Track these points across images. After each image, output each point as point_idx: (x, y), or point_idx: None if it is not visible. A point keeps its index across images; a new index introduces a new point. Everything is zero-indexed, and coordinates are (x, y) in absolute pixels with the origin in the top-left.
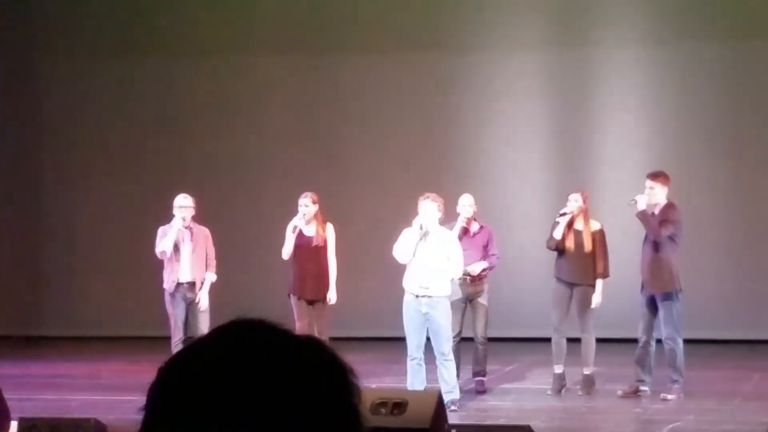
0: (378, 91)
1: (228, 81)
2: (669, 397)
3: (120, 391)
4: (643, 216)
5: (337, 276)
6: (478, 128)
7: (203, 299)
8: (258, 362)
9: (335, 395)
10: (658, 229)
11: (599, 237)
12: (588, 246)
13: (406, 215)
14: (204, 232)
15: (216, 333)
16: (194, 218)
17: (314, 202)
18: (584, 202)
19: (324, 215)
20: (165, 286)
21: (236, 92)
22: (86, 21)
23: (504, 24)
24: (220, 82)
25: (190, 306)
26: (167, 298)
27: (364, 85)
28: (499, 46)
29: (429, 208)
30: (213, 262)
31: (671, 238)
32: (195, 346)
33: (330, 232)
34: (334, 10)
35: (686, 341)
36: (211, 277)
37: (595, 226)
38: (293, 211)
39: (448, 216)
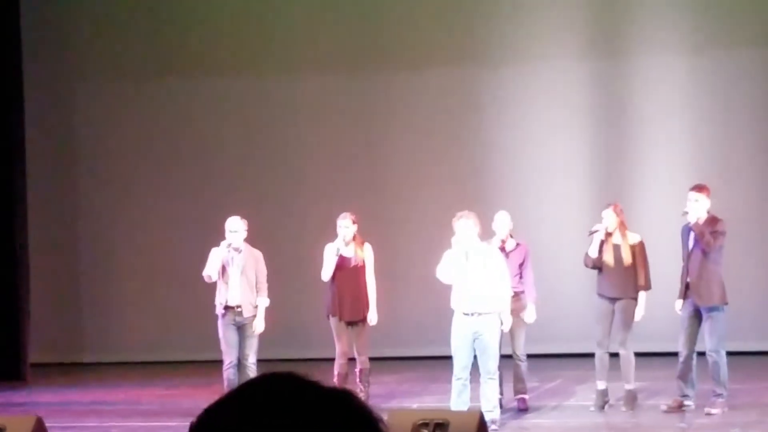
0: (412, 107)
1: (266, 99)
2: (713, 411)
3: (160, 417)
4: (698, 228)
5: (377, 296)
6: (513, 142)
7: (259, 325)
8: (289, 418)
9: None
10: (713, 242)
11: (639, 249)
12: (627, 259)
13: (444, 232)
14: (255, 255)
15: (246, 388)
16: (247, 240)
17: (353, 222)
18: (618, 215)
19: (362, 235)
20: (216, 310)
21: (273, 110)
22: (122, 43)
23: (537, 36)
24: (257, 101)
25: (240, 330)
26: (219, 322)
27: (398, 102)
28: (532, 58)
29: (466, 226)
30: (264, 286)
31: (719, 250)
32: (225, 402)
33: (368, 252)
34: (366, 27)
35: (729, 353)
36: (264, 301)
37: (634, 238)
38: (331, 231)
39: (485, 233)
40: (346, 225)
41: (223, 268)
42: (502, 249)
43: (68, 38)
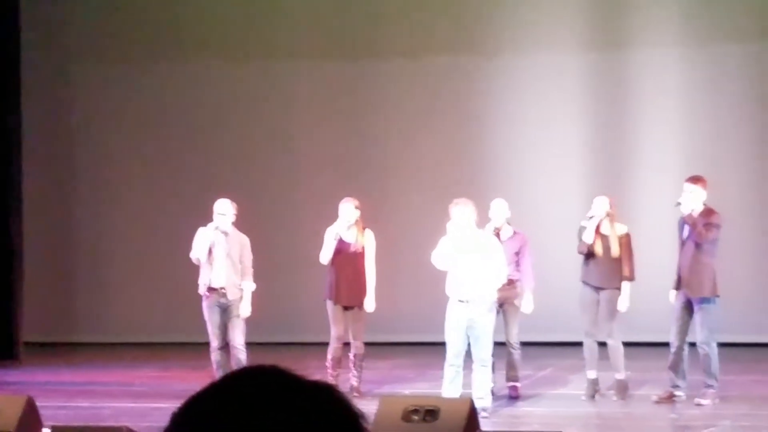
0: (409, 96)
1: (262, 86)
2: (704, 402)
3: (152, 399)
4: (691, 219)
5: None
6: (510, 132)
7: (245, 309)
8: (270, 411)
9: None
10: (706, 233)
11: (626, 241)
12: (615, 250)
13: (440, 219)
14: (241, 239)
15: (228, 381)
16: (235, 225)
17: (357, 208)
18: (611, 206)
19: (363, 221)
20: (199, 290)
21: (270, 98)
22: (118, 28)
23: (535, 27)
24: (253, 88)
25: (225, 312)
26: (203, 304)
27: (395, 90)
28: (530, 49)
29: (462, 213)
30: (249, 271)
31: (713, 242)
32: (208, 394)
33: (369, 238)
34: (364, 15)
35: (721, 345)
36: (250, 285)
37: (621, 229)
38: (328, 215)
39: (482, 220)
40: (349, 209)
41: (209, 250)
42: (497, 236)
43: (63, 26)
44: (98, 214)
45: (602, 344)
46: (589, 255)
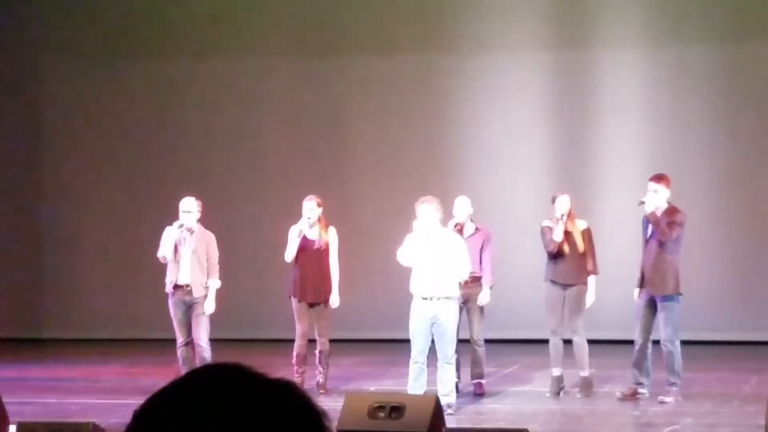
0: (377, 94)
1: (229, 83)
2: (667, 399)
3: (119, 395)
4: (654, 218)
5: (339, 278)
6: (477, 130)
7: (209, 306)
8: (231, 409)
9: None
10: (669, 232)
11: (588, 236)
12: (581, 246)
13: (406, 217)
14: (206, 237)
15: (190, 379)
16: (201, 222)
17: (319, 205)
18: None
19: (326, 218)
20: (166, 288)
21: (238, 94)
22: (88, 21)
23: (501, 26)
24: (221, 85)
25: (190, 309)
26: (169, 301)
27: (362, 88)
28: (496, 48)
29: (427, 211)
30: (215, 268)
31: (676, 240)
32: (169, 392)
33: (333, 235)
34: (333, 13)
35: (683, 342)
36: (215, 283)
37: (582, 225)
38: (295, 213)
39: (447, 217)
40: (311, 207)
41: (176, 248)
42: (459, 233)
43: (30, 19)
44: (66, 211)
45: (567, 341)
46: (557, 253)
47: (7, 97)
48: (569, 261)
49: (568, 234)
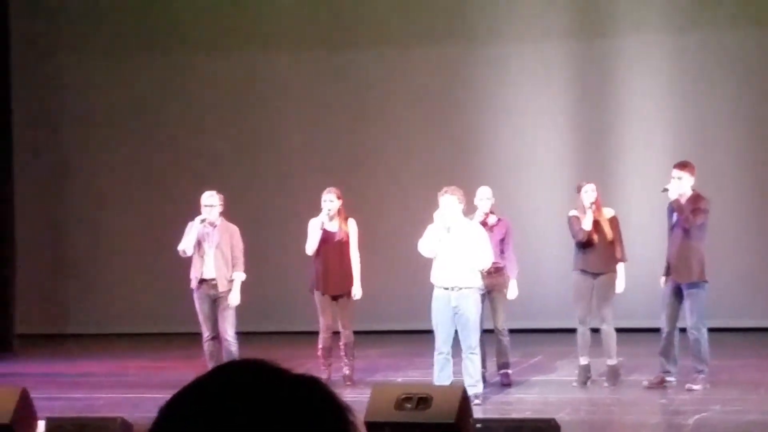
0: (397, 85)
1: (251, 77)
2: (694, 387)
3: (146, 389)
4: (678, 204)
5: (361, 270)
6: (497, 120)
7: (234, 298)
8: (257, 406)
9: None
10: (693, 219)
11: (615, 224)
12: (609, 234)
13: (428, 208)
14: (230, 229)
15: (214, 376)
16: (223, 215)
17: (338, 198)
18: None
19: (346, 210)
20: (191, 284)
21: (260, 88)
22: (108, 20)
23: (523, 15)
24: (243, 78)
25: (216, 304)
26: (194, 295)
27: (384, 80)
28: (518, 37)
29: (449, 201)
30: (240, 260)
31: (701, 227)
32: (194, 389)
33: (352, 227)
34: (351, 5)
35: (710, 330)
36: (240, 276)
37: (609, 213)
38: (315, 206)
39: (469, 208)
40: (330, 199)
41: (199, 243)
42: (484, 224)
43: (54, 16)
44: (92, 207)
45: (594, 330)
46: (587, 242)
47: (31, 95)
48: (599, 249)
49: (596, 222)
